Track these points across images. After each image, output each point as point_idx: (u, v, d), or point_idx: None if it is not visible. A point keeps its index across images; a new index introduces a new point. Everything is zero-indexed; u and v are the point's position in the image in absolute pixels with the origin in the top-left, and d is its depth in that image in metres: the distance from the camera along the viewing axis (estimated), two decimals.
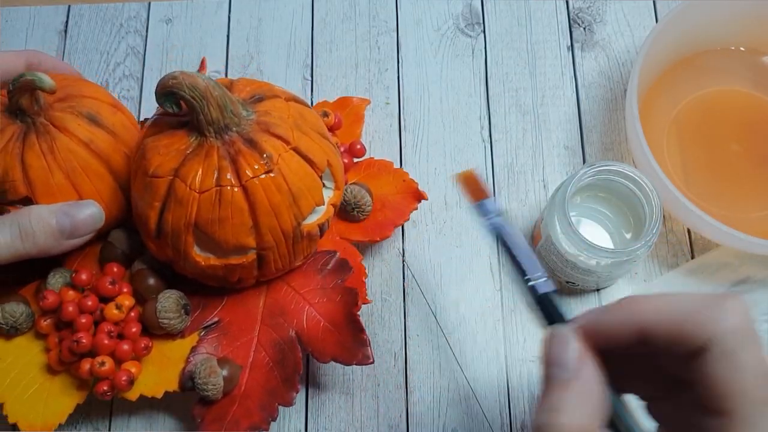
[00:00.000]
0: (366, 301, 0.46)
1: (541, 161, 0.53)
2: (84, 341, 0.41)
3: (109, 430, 0.47)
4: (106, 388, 0.42)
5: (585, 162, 0.53)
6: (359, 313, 0.44)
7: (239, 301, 0.46)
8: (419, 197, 0.49)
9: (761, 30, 0.53)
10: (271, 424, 0.43)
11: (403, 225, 0.51)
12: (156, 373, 0.44)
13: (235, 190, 0.39)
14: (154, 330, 0.44)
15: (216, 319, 0.45)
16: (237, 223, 0.39)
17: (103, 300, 0.43)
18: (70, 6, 0.58)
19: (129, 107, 0.55)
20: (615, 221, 0.48)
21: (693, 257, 0.50)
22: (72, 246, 0.42)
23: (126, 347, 0.42)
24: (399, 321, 0.49)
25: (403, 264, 0.51)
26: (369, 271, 0.50)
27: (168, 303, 0.43)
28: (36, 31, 0.58)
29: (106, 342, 0.42)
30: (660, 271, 0.50)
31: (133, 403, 0.43)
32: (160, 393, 0.43)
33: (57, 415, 0.43)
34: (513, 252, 0.34)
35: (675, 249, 0.50)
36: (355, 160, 0.51)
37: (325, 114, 0.50)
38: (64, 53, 0.57)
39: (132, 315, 0.44)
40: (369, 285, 0.50)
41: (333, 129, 0.51)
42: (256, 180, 0.39)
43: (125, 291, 0.44)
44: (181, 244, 0.40)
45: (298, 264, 0.45)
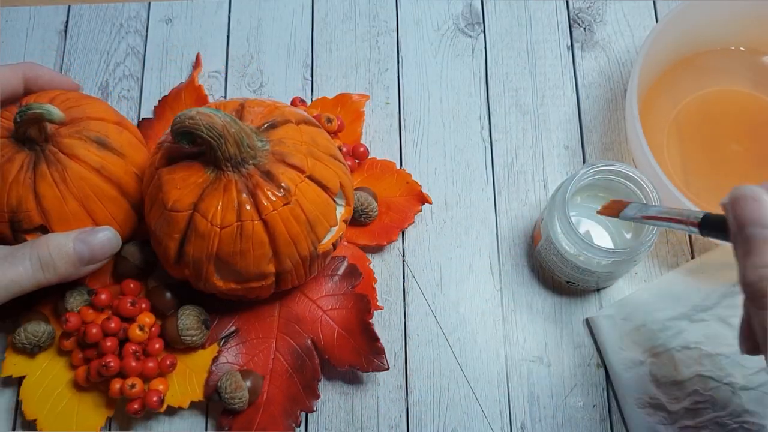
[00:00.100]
0: (378, 307, 0.48)
1: (541, 161, 0.53)
2: (112, 365, 0.43)
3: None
4: (137, 407, 0.43)
5: (585, 162, 0.53)
6: (372, 321, 0.45)
7: (255, 311, 0.47)
8: (423, 200, 0.50)
9: (761, 30, 0.53)
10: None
11: None
12: (181, 385, 0.45)
13: (256, 223, 0.39)
14: (175, 345, 0.45)
15: (234, 329, 0.47)
16: (258, 255, 0.40)
17: (125, 319, 0.44)
18: (70, 6, 0.58)
19: (129, 107, 0.55)
20: (615, 221, 0.48)
21: (693, 257, 0.50)
22: (90, 271, 0.43)
23: (152, 365, 0.44)
24: (399, 321, 0.49)
25: (403, 264, 0.51)
26: (372, 270, 0.50)
27: (189, 320, 0.44)
28: (36, 31, 0.58)
29: (133, 364, 0.43)
30: (660, 271, 0.50)
31: (171, 408, 0.45)
32: (186, 404, 0.45)
33: (89, 429, 0.44)
34: (666, 215, 0.37)
35: (675, 249, 0.50)
36: (358, 161, 0.51)
37: (329, 120, 0.50)
38: (64, 53, 0.57)
39: (153, 331, 0.45)
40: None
41: (336, 132, 0.51)
42: (275, 213, 0.39)
43: (144, 307, 0.45)
44: (202, 272, 0.41)
45: (311, 276, 0.46)
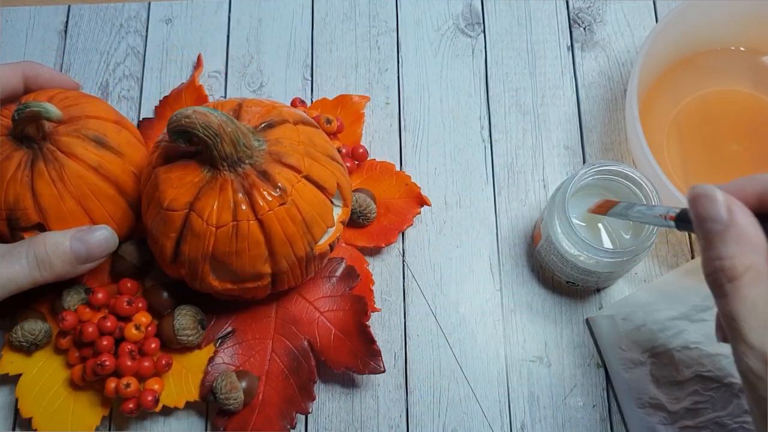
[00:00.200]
0: (375, 309, 0.47)
1: (541, 161, 0.53)
2: (108, 364, 0.43)
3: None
4: (132, 406, 0.43)
5: (585, 162, 0.53)
6: (369, 323, 0.45)
7: (252, 312, 0.47)
8: (422, 202, 0.50)
9: (761, 30, 0.53)
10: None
11: None
12: (176, 385, 0.45)
13: (251, 223, 0.39)
14: (172, 344, 0.45)
15: (230, 329, 0.46)
16: (254, 255, 0.40)
17: (121, 318, 0.44)
18: (70, 6, 0.58)
19: (129, 107, 0.55)
20: (615, 221, 0.48)
21: (693, 257, 0.50)
22: (87, 270, 0.43)
23: (147, 365, 0.44)
24: (399, 321, 0.49)
25: (403, 264, 0.51)
26: (370, 271, 0.50)
27: (185, 320, 0.44)
28: (36, 31, 0.58)
29: (129, 364, 0.43)
30: (660, 271, 0.50)
31: (167, 409, 0.45)
32: (182, 404, 0.45)
33: (85, 428, 0.44)
34: (647, 212, 0.38)
35: (675, 249, 0.50)
36: (357, 162, 0.51)
37: (328, 121, 0.50)
38: (64, 53, 0.57)
39: (150, 330, 0.45)
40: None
41: (335, 133, 0.51)
42: (271, 213, 0.39)
43: (141, 307, 0.45)
44: (198, 271, 0.41)
45: (309, 278, 0.46)
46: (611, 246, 0.47)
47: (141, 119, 0.54)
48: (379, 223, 0.50)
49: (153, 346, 0.44)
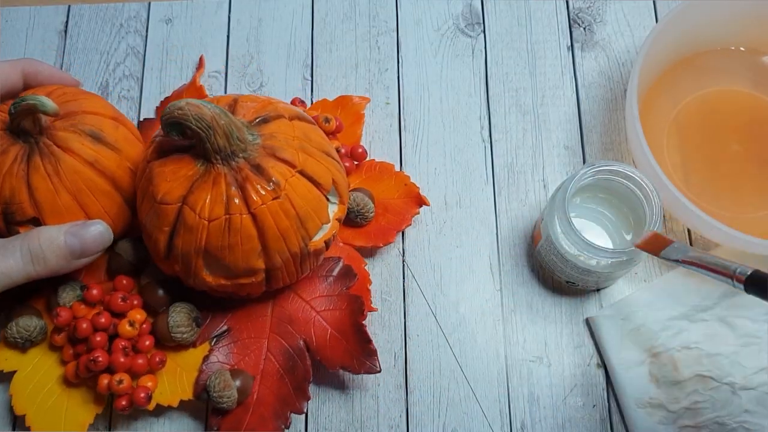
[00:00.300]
0: (371, 309, 0.47)
1: (541, 161, 0.53)
2: (101, 360, 0.42)
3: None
4: (125, 403, 0.43)
5: (585, 162, 0.53)
6: (365, 322, 0.45)
7: (248, 311, 0.47)
8: (420, 202, 0.50)
9: (761, 30, 0.53)
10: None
11: None
12: (171, 383, 0.45)
13: (244, 217, 0.39)
14: (166, 342, 0.44)
15: (225, 328, 0.46)
16: (246, 249, 0.40)
17: (116, 315, 0.44)
18: (70, 6, 0.58)
19: (129, 107, 0.55)
20: (615, 221, 0.48)
21: None
22: (81, 265, 0.43)
23: (141, 361, 0.43)
24: (399, 321, 0.49)
25: (403, 264, 0.51)
26: (369, 271, 0.50)
27: (180, 317, 0.44)
28: (36, 31, 0.58)
29: (122, 360, 0.43)
30: (660, 271, 0.50)
31: (161, 408, 0.45)
32: (175, 402, 0.44)
33: (78, 426, 0.44)
34: (708, 264, 0.38)
35: None
36: (356, 162, 0.51)
37: (327, 120, 0.50)
38: (64, 53, 0.57)
39: (145, 327, 0.45)
40: (372, 290, 0.50)
41: (334, 133, 0.51)
42: (264, 207, 0.39)
43: (136, 304, 0.45)
44: (192, 266, 0.41)
45: (304, 275, 0.46)
46: (611, 246, 0.47)
47: (142, 119, 0.54)
48: (377, 223, 0.49)
49: (147, 343, 0.44)
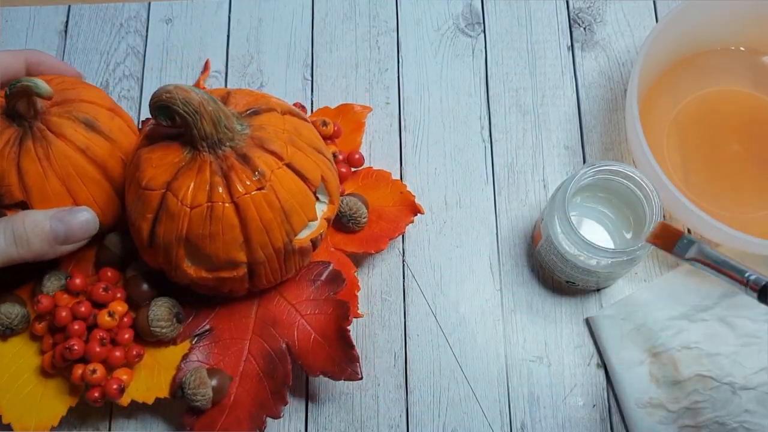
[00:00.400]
0: (357, 315, 0.46)
1: (541, 161, 0.53)
2: (76, 348, 0.42)
3: (109, 430, 0.47)
4: (97, 395, 0.42)
5: (585, 162, 0.53)
6: (350, 328, 0.44)
7: (232, 310, 0.46)
8: (415, 210, 0.49)
9: (761, 30, 0.53)
10: (272, 423, 0.43)
11: None
12: (147, 379, 0.44)
13: (227, 206, 0.39)
14: (146, 337, 0.44)
15: (208, 327, 0.46)
16: (228, 239, 0.39)
17: (97, 305, 0.44)
18: (70, 6, 0.58)
19: (129, 107, 0.55)
20: (615, 221, 0.48)
21: None
22: (66, 251, 0.42)
23: (118, 354, 0.43)
24: (399, 321, 0.49)
25: (403, 264, 0.51)
26: (369, 271, 0.50)
27: (160, 311, 0.43)
28: (36, 31, 0.58)
29: (97, 350, 0.42)
30: (660, 271, 0.50)
31: (132, 407, 0.44)
32: (151, 399, 0.43)
33: (50, 418, 0.43)
34: (724, 268, 0.37)
35: None
36: (353, 169, 0.51)
37: (324, 123, 0.50)
38: (64, 53, 0.57)
39: (125, 321, 0.44)
40: (369, 285, 0.50)
41: (332, 137, 0.51)
42: (247, 196, 0.39)
43: (119, 296, 0.44)
44: (173, 256, 0.40)
45: (290, 276, 0.45)
46: (611, 246, 0.47)
47: (143, 119, 0.54)
48: (370, 230, 0.49)
49: (126, 336, 0.43)
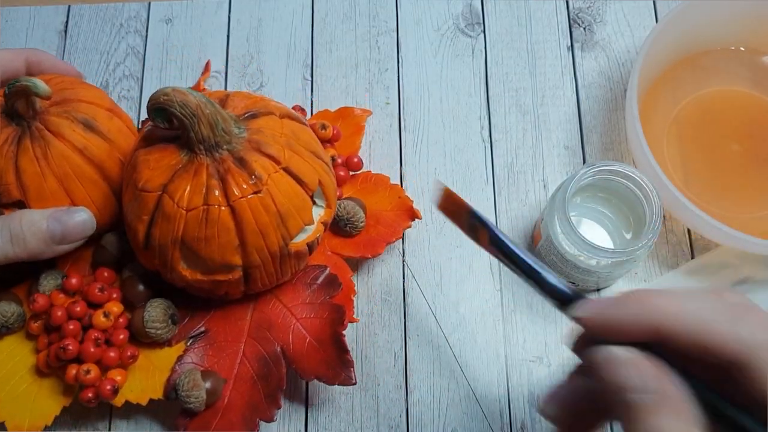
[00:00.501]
0: (353, 320, 0.46)
1: (541, 161, 0.53)
2: (71, 348, 0.42)
3: (109, 430, 0.47)
4: (91, 395, 0.42)
5: (585, 162, 0.53)
6: (345, 332, 0.44)
7: (227, 313, 0.46)
8: (413, 215, 0.49)
9: (761, 30, 0.53)
10: (272, 423, 0.43)
11: None
12: (142, 380, 0.44)
13: (222, 209, 0.39)
14: (141, 338, 0.44)
15: (203, 329, 0.46)
16: (223, 242, 0.39)
17: (93, 306, 0.44)
18: (70, 6, 0.58)
19: (129, 107, 0.55)
20: (615, 221, 0.48)
21: (693, 257, 0.50)
22: (62, 251, 0.42)
23: (112, 355, 0.43)
24: (399, 321, 0.49)
25: (403, 264, 0.51)
26: (369, 271, 0.50)
27: (155, 313, 0.43)
28: (36, 31, 0.58)
29: (92, 350, 0.42)
30: (660, 271, 0.50)
31: (126, 407, 0.44)
32: (144, 400, 0.43)
33: (43, 417, 0.43)
34: (519, 253, 0.33)
35: (675, 249, 0.50)
36: (352, 173, 0.51)
37: (323, 126, 0.50)
38: (64, 53, 0.57)
39: (120, 321, 0.44)
40: (369, 285, 0.50)
41: (331, 141, 0.51)
42: (243, 200, 0.39)
43: (114, 297, 0.44)
44: (168, 258, 0.40)
45: (286, 279, 0.45)
46: (611, 246, 0.47)
47: (142, 120, 0.54)
48: (368, 234, 0.48)
49: (121, 337, 0.43)
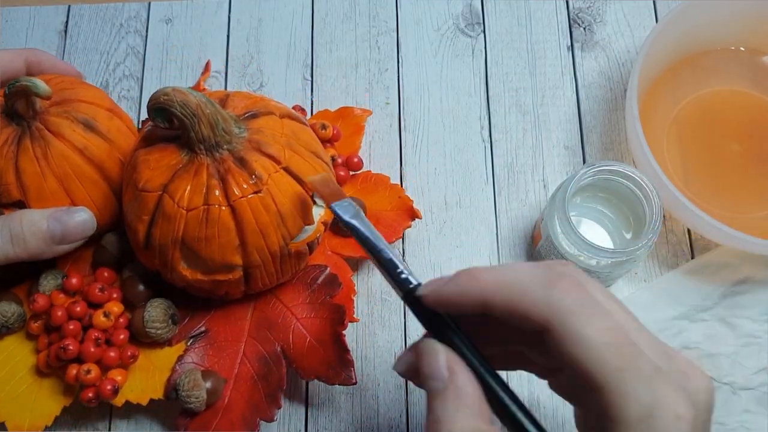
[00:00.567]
0: (353, 320, 0.46)
1: (541, 161, 0.53)
2: (71, 348, 0.42)
3: (109, 430, 0.47)
4: (91, 395, 0.42)
5: (585, 162, 0.53)
6: (345, 332, 0.44)
7: (228, 312, 0.46)
8: (413, 215, 0.49)
9: (761, 30, 0.53)
10: (272, 423, 0.43)
11: None
12: (142, 380, 0.44)
13: (223, 209, 0.39)
14: (141, 338, 0.44)
15: (203, 329, 0.46)
16: (224, 242, 0.39)
17: (93, 306, 0.44)
18: (70, 6, 0.58)
19: (129, 107, 0.55)
20: (615, 221, 0.48)
21: (693, 257, 0.50)
22: (62, 251, 0.42)
23: (113, 354, 0.43)
24: (399, 321, 0.49)
25: None
26: (369, 271, 0.50)
27: (155, 313, 0.43)
28: (36, 31, 0.58)
29: (92, 350, 0.42)
30: (660, 271, 0.50)
31: (127, 407, 0.44)
32: (145, 400, 0.43)
33: (44, 417, 0.43)
34: (378, 247, 0.35)
35: (675, 249, 0.50)
36: (352, 173, 0.51)
37: (323, 126, 0.50)
38: (64, 53, 0.57)
39: (121, 321, 0.44)
40: (369, 285, 0.50)
41: (331, 141, 0.51)
42: (244, 200, 0.39)
43: (115, 297, 0.44)
44: (169, 258, 0.40)
45: (286, 279, 0.45)
46: (611, 246, 0.47)
47: (142, 120, 0.54)
48: None
49: (122, 337, 0.43)
